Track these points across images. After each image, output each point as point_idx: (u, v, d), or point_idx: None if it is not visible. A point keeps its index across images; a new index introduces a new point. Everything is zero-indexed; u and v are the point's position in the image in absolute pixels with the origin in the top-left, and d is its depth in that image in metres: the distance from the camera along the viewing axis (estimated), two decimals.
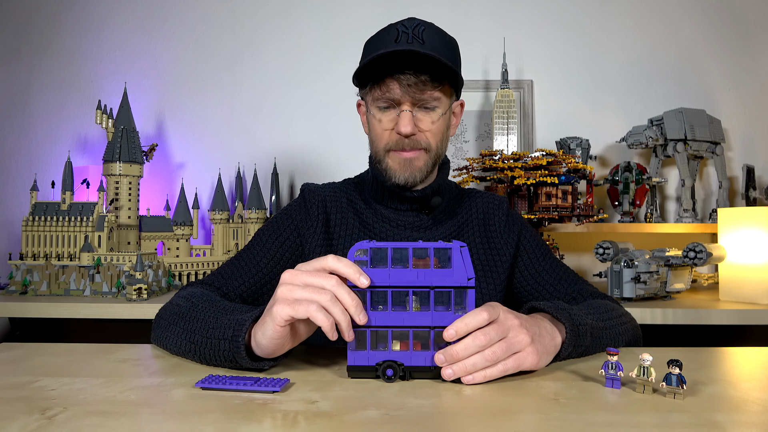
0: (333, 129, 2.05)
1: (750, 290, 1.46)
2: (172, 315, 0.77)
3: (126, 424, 0.49)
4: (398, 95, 0.86)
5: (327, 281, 0.60)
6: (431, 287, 0.62)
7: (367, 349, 0.63)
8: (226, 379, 0.60)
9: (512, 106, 1.92)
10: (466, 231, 0.98)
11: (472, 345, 0.60)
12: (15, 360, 0.71)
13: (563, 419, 0.51)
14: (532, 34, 2.06)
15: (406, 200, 0.94)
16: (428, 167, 0.91)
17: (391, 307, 0.62)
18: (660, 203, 2.02)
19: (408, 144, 0.88)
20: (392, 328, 0.62)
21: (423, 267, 0.62)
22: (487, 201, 1.02)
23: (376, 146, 0.93)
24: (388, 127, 0.90)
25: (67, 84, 2.07)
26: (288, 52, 2.08)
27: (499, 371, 0.61)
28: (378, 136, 0.91)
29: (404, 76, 0.84)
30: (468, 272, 0.61)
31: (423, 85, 0.85)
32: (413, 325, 0.62)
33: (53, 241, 1.62)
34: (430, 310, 0.62)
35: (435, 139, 0.91)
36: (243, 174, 2.00)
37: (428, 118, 0.89)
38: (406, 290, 0.62)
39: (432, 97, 0.87)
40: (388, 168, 0.91)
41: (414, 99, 0.87)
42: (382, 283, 0.62)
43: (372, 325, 0.62)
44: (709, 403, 0.56)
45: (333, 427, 0.49)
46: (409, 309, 0.62)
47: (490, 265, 0.96)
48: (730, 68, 2.05)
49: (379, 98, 0.89)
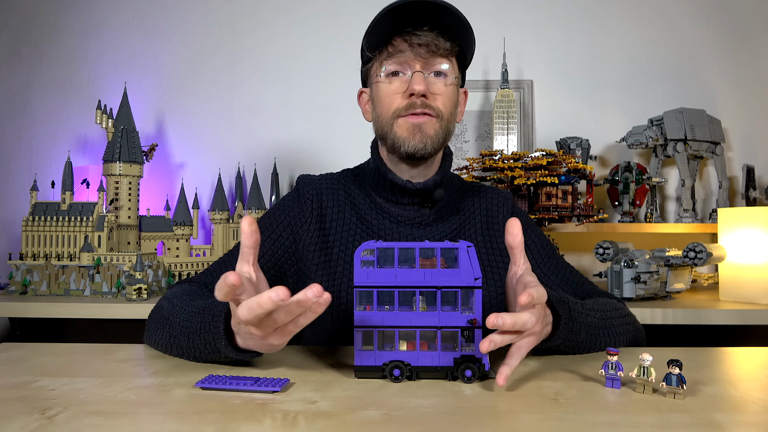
0: (333, 129, 2.05)
1: (750, 290, 1.46)
2: (156, 317, 0.78)
3: (126, 424, 0.49)
4: (410, 56, 0.83)
5: (271, 297, 0.52)
6: (438, 287, 0.62)
7: (374, 349, 0.63)
8: (226, 379, 0.60)
9: (512, 106, 1.92)
10: (468, 228, 0.95)
11: (514, 324, 0.58)
12: (15, 360, 0.71)
13: (563, 419, 0.51)
14: (532, 34, 2.06)
15: (408, 193, 0.90)
16: (438, 138, 0.86)
17: (398, 307, 0.62)
18: (660, 203, 2.02)
19: (420, 105, 0.84)
20: (399, 328, 0.62)
21: (430, 267, 0.62)
22: (491, 197, 0.98)
23: (384, 115, 0.87)
24: (399, 90, 0.85)
25: (67, 84, 2.07)
26: (288, 52, 2.08)
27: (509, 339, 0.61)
28: (386, 103, 0.86)
29: (417, 33, 0.81)
30: (475, 272, 0.61)
31: (435, 47, 0.82)
32: (420, 325, 0.62)
33: (53, 241, 1.62)
34: (437, 310, 0.62)
35: (446, 105, 0.86)
36: (243, 174, 2.00)
37: (440, 82, 0.85)
38: (413, 290, 0.62)
39: (444, 61, 0.84)
40: (396, 137, 0.86)
41: (426, 60, 0.83)
42: (389, 283, 0.62)
43: (379, 325, 0.62)
44: (709, 403, 0.56)
45: (333, 427, 0.49)
46: (416, 309, 0.62)
47: (493, 264, 0.92)
48: (730, 68, 2.05)
49: (389, 62, 0.84)
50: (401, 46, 0.83)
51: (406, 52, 0.83)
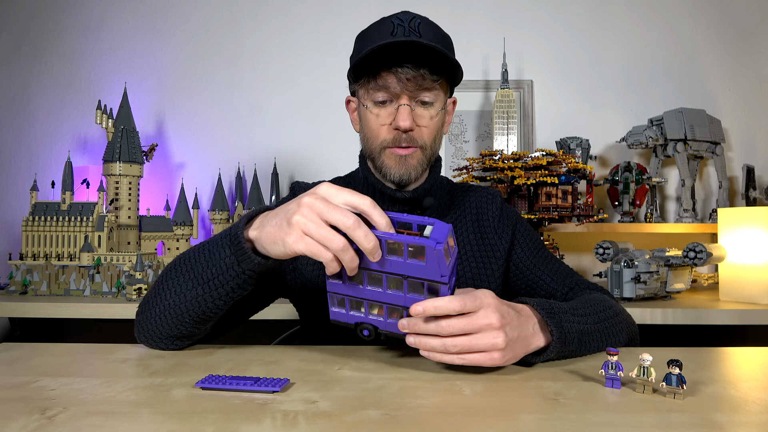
0: (333, 129, 2.05)
1: (750, 290, 1.46)
2: (144, 299, 0.78)
3: (126, 424, 0.49)
4: (397, 89, 0.85)
5: (348, 218, 0.58)
6: (404, 276, 0.61)
7: (346, 310, 0.66)
8: (226, 379, 0.60)
9: (512, 106, 1.92)
10: (459, 228, 0.97)
11: (433, 329, 0.61)
12: (15, 360, 0.71)
13: (563, 419, 0.51)
14: (532, 34, 2.06)
15: (398, 201, 0.93)
16: (422, 166, 0.90)
17: (366, 284, 0.63)
18: (660, 203, 2.02)
19: (405, 140, 0.87)
20: (368, 300, 0.64)
21: (397, 256, 0.61)
22: (480, 196, 1.01)
23: (371, 143, 0.91)
24: (386, 122, 0.88)
25: (67, 84, 2.07)
26: (288, 52, 2.08)
27: (455, 361, 0.62)
28: (374, 133, 0.89)
29: (402, 69, 0.83)
30: (441, 270, 0.60)
31: (422, 79, 0.84)
32: (388, 302, 0.63)
33: (53, 241, 1.62)
34: (403, 293, 0.62)
35: (431, 136, 0.90)
36: (243, 174, 2.00)
37: (426, 114, 0.88)
38: (380, 275, 0.62)
39: (430, 92, 0.86)
40: (384, 165, 0.89)
41: (412, 93, 0.86)
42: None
43: (348, 294, 0.64)
44: (709, 403, 0.56)
45: (333, 427, 0.49)
46: (383, 289, 0.63)
47: (485, 261, 0.95)
48: (730, 68, 2.05)
49: (376, 92, 0.87)
50: (388, 78, 0.85)
51: (393, 85, 0.85)
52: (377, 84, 0.86)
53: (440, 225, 0.61)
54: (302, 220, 0.60)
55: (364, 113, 0.91)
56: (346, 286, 0.64)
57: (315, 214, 0.60)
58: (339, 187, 0.62)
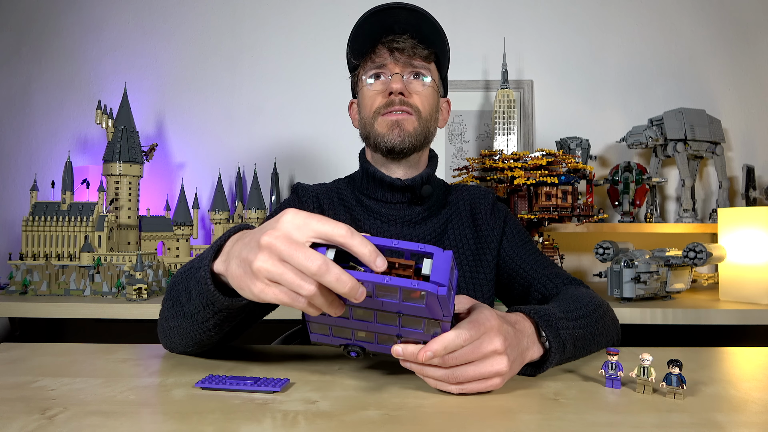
0: (333, 129, 2.05)
1: (750, 290, 1.46)
2: (161, 310, 0.76)
3: (126, 424, 0.49)
4: (389, 60, 0.91)
5: (312, 263, 0.48)
6: (399, 314, 0.54)
7: (329, 335, 0.58)
8: (226, 379, 0.60)
9: (512, 106, 1.92)
10: (455, 221, 0.99)
11: (437, 362, 0.56)
12: (15, 360, 0.71)
13: (563, 419, 0.51)
14: (532, 34, 2.06)
15: (397, 190, 0.95)
16: (417, 134, 0.92)
17: (352, 317, 0.55)
18: (660, 203, 2.02)
19: (398, 103, 0.91)
20: (355, 329, 0.57)
21: (390, 297, 0.51)
22: (473, 192, 1.04)
23: (366, 115, 0.94)
24: (380, 90, 0.93)
25: (67, 84, 2.07)
26: (288, 52, 2.08)
27: (455, 390, 0.57)
28: (368, 103, 0.94)
29: (395, 42, 0.89)
30: (444, 311, 0.52)
31: (413, 52, 0.90)
32: (378, 332, 0.56)
33: (53, 241, 1.62)
34: (397, 326, 0.55)
35: (424, 105, 0.93)
36: (243, 174, 2.00)
37: (419, 83, 0.93)
38: (369, 310, 0.54)
39: (421, 61, 0.92)
40: (377, 133, 0.93)
41: (404, 64, 0.91)
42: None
43: (331, 323, 0.57)
44: (709, 403, 0.56)
45: (333, 427, 0.49)
46: (373, 321, 0.55)
47: (480, 253, 0.98)
48: (730, 68, 2.04)
49: (371, 68, 0.92)
50: (382, 52, 0.91)
51: (387, 57, 0.91)
52: (372, 59, 0.92)
53: (440, 257, 0.51)
54: (263, 266, 0.50)
55: (361, 94, 0.96)
56: (329, 316, 0.55)
57: (275, 257, 0.50)
58: (307, 214, 0.51)
